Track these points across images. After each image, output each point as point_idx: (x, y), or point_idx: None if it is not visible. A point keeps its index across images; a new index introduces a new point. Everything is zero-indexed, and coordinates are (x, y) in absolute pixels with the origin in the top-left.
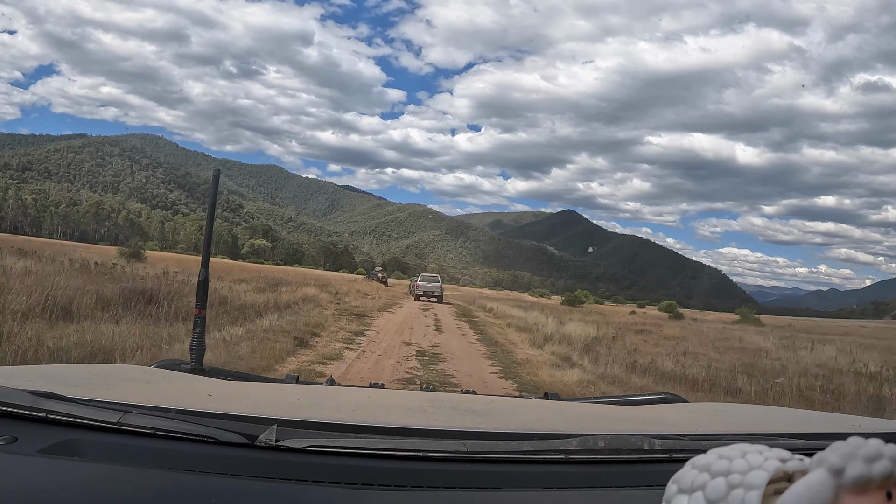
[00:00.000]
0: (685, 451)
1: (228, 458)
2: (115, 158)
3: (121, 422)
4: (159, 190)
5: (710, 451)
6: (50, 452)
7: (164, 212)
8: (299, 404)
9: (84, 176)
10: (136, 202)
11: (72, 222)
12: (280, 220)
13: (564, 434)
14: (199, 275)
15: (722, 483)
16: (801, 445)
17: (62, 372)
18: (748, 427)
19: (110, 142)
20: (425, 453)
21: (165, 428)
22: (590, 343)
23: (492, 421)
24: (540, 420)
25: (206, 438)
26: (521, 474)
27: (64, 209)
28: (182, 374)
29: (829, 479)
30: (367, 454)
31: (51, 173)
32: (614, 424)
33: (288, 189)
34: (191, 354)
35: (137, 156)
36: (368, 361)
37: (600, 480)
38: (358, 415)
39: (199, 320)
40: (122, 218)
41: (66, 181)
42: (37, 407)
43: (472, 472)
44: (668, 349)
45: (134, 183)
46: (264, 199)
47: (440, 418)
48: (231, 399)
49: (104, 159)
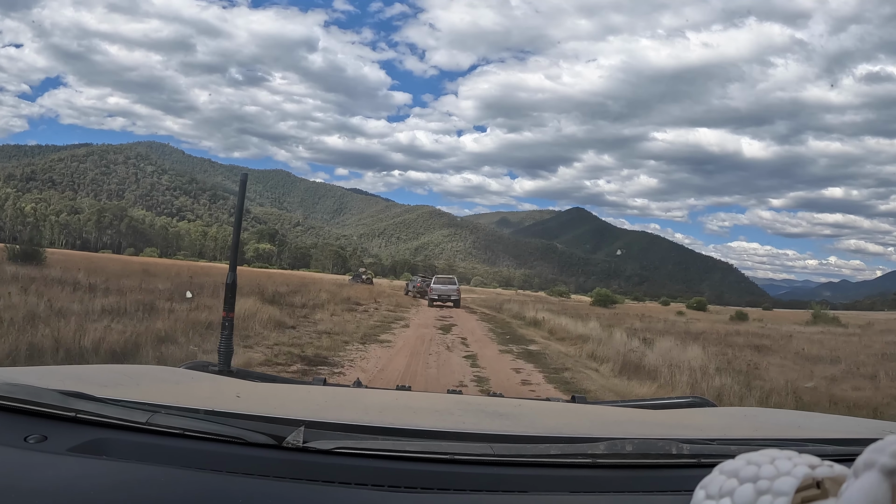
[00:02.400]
0: (713, 455)
1: (256, 458)
2: (120, 166)
3: (149, 422)
4: (164, 197)
5: (738, 456)
6: (79, 451)
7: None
8: (327, 406)
9: (88, 184)
10: (142, 209)
11: (73, 231)
12: (288, 224)
13: (592, 438)
14: (227, 278)
15: (750, 489)
16: (831, 451)
17: (92, 372)
18: (777, 432)
19: (114, 150)
20: (452, 456)
21: (193, 428)
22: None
23: (519, 424)
24: (567, 423)
25: (233, 439)
26: (548, 478)
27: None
28: (210, 375)
29: (884, 480)
30: (394, 456)
31: (55, 182)
32: (642, 428)
33: (295, 193)
34: (219, 356)
35: (142, 163)
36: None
37: (627, 485)
38: (385, 417)
39: (227, 323)
40: (125, 225)
41: (70, 190)
42: (66, 406)
43: (498, 475)
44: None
45: (139, 190)
46: (272, 204)
47: (467, 421)
48: (259, 400)
49: (108, 167)
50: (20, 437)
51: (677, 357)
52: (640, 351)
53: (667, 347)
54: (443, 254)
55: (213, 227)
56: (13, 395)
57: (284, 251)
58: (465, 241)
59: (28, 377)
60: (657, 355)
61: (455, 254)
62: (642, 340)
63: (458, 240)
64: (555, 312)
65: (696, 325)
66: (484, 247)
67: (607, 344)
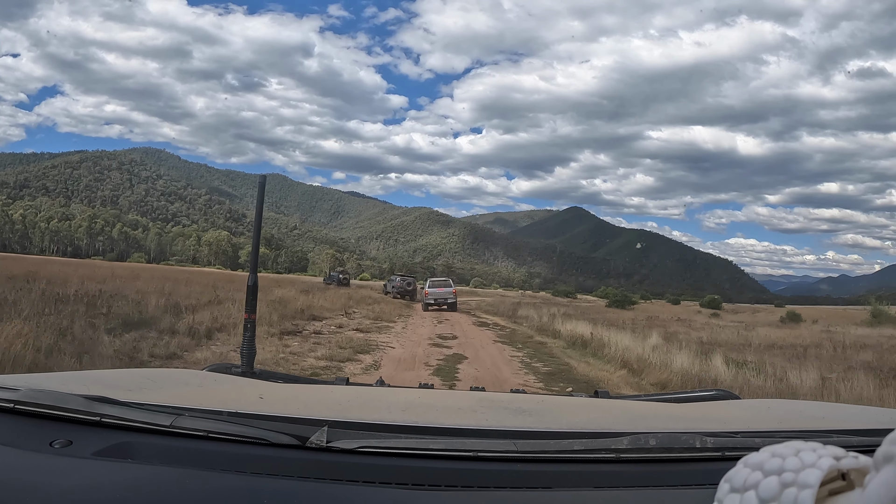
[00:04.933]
0: (737, 448)
1: (280, 459)
2: (114, 172)
3: (173, 424)
4: (159, 202)
5: (762, 448)
6: (104, 455)
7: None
8: (350, 405)
9: (82, 191)
10: (136, 215)
11: (64, 237)
12: (285, 228)
13: (615, 432)
14: (248, 280)
15: (775, 482)
16: (856, 442)
17: (116, 376)
18: (802, 424)
19: (108, 156)
20: (476, 453)
21: (217, 430)
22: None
23: (542, 420)
24: (591, 419)
25: (257, 440)
26: (572, 474)
27: (56, 224)
28: (233, 377)
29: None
30: (418, 454)
31: (48, 190)
32: (666, 422)
33: (292, 197)
34: (241, 358)
35: (137, 168)
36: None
37: (652, 479)
38: (408, 415)
39: (250, 324)
40: (117, 231)
41: (63, 196)
42: (91, 411)
43: (522, 471)
44: None
45: (133, 196)
46: (269, 208)
47: (490, 418)
48: (282, 401)
49: (102, 173)
50: (45, 442)
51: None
52: (790, 389)
53: (811, 384)
54: (441, 255)
55: (210, 231)
56: (38, 400)
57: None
58: (463, 242)
59: (52, 383)
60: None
61: (454, 255)
62: (757, 369)
63: (456, 241)
64: (583, 320)
65: (763, 334)
66: (482, 248)
67: (738, 387)
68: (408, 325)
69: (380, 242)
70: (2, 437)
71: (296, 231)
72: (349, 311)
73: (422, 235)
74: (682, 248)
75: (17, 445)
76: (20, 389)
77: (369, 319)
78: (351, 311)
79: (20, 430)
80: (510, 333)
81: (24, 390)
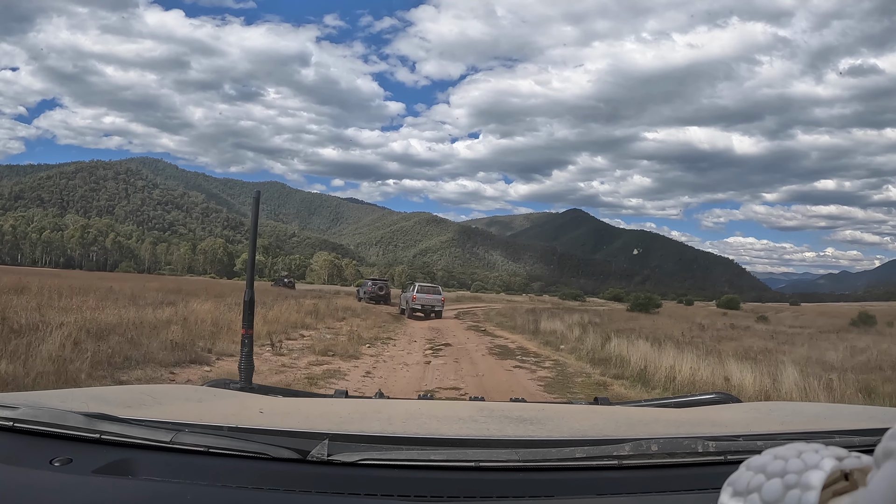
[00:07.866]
0: (740, 452)
1: (280, 473)
2: (110, 182)
3: (173, 440)
4: (155, 212)
5: (765, 451)
6: (104, 472)
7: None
8: (350, 418)
9: (78, 201)
10: (131, 224)
11: (56, 248)
12: (283, 235)
13: (617, 439)
14: (245, 295)
15: (778, 484)
16: (858, 442)
17: (115, 393)
18: (804, 425)
19: (104, 166)
20: (477, 463)
21: (217, 445)
22: None
23: (543, 428)
24: (592, 426)
25: (257, 455)
26: (575, 481)
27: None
28: (233, 391)
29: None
30: (419, 466)
31: (43, 200)
32: (667, 427)
33: (291, 205)
34: (240, 373)
35: (133, 178)
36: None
37: (654, 485)
38: (408, 427)
39: (247, 339)
40: (111, 241)
41: (58, 207)
42: (90, 428)
43: (524, 480)
44: None
45: (129, 206)
46: (267, 216)
47: (491, 427)
48: (282, 415)
49: (98, 183)
50: (46, 459)
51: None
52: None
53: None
54: (441, 259)
55: (206, 240)
56: (38, 418)
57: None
58: (462, 246)
59: (51, 400)
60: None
61: (453, 259)
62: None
63: (455, 245)
64: (630, 335)
65: (863, 345)
66: (482, 251)
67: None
68: (380, 359)
69: (379, 248)
70: (2, 455)
71: (294, 238)
72: (304, 328)
73: (421, 241)
74: (682, 247)
75: (18, 463)
76: (19, 407)
77: (314, 354)
78: (306, 330)
79: (20, 447)
80: (560, 374)
81: (24, 408)
